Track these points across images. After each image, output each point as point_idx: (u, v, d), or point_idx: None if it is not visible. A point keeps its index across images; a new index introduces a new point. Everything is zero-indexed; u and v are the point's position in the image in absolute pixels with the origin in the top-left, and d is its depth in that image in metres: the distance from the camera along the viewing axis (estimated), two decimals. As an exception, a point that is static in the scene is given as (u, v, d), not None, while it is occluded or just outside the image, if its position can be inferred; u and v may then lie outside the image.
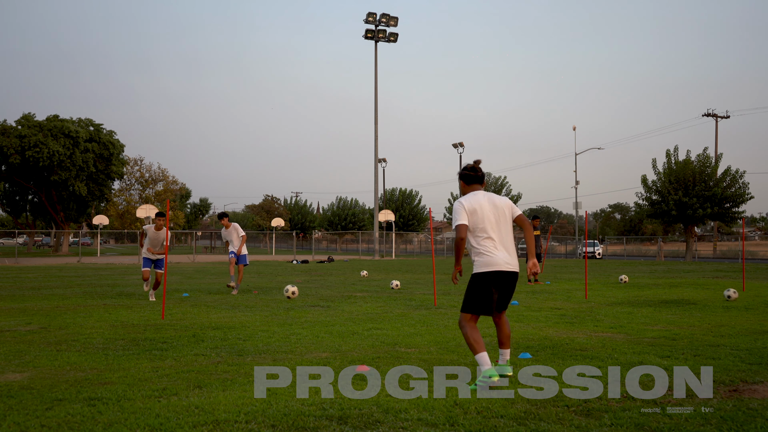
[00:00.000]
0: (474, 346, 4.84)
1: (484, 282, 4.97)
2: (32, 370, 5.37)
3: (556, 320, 8.69)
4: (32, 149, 45.65)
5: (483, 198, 5.11)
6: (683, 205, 38.52)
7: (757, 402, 4.29)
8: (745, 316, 9.08)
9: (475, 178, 5.23)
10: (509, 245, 5.09)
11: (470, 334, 4.91)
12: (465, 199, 5.12)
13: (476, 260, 5.06)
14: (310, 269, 25.64)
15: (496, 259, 4.98)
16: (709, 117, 55.41)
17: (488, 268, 4.97)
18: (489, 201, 5.11)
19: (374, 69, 43.40)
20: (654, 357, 5.86)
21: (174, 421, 3.86)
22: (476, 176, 5.23)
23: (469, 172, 5.24)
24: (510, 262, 5.03)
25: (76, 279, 18.17)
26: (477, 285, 5.00)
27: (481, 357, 4.76)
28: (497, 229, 5.04)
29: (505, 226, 5.10)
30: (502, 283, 5.02)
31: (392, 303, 11.13)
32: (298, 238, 69.03)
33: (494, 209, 5.07)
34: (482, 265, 5.00)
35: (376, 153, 43.75)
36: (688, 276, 19.96)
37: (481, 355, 4.78)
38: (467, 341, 4.91)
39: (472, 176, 5.23)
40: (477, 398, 4.39)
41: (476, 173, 5.23)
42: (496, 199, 5.16)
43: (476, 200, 5.08)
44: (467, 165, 5.31)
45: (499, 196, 5.20)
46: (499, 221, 5.06)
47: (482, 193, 5.16)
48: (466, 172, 5.25)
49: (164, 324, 8.24)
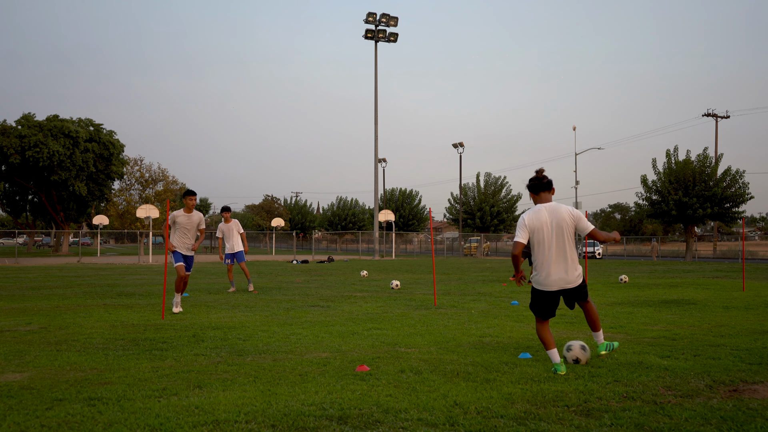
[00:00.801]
0: (544, 343, 5.27)
1: (539, 296, 5.30)
2: (32, 370, 5.37)
3: (556, 320, 8.69)
4: (32, 149, 45.66)
5: (545, 214, 5.14)
6: (683, 205, 38.51)
7: (757, 402, 4.29)
8: (745, 316, 9.08)
9: (542, 186, 5.23)
10: (568, 262, 5.16)
11: (540, 331, 5.29)
12: (529, 215, 5.19)
13: (534, 275, 5.29)
14: (310, 269, 25.64)
15: (549, 281, 5.18)
16: (709, 117, 55.40)
17: (541, 287, 5.24)
18: (552, 216, 5.14)
19: (374, 69, 43.44)
20: (654, 357, 5.86)
21: (174, 421, 3.86)
22: (542, 183, 5.23)
23: (535, 181, 5.25)
24: (565, 280, 5.17)
25: (76, 279, 18.17)
26: (535, 297, 5.34)
27: (551, 353, 5.20)
28: (557, 247, 5.12)
29: (568, 243, 5.16)
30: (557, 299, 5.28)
31: (392, 303, 11.12)
32: (298, 238, 69.04)
33: (558, 226, 5.12)
34: (537, 282, 5.27)
35: (376, 153, 43.75)
36: (688, 276, 19.96)
37: (551, 351, 5.20)
38: (539, 338, 5.32)
39: (538, 185, 5.24)
40: (477, 398, 4.39)
41: (541, 180, 5.23)
42: (562, 212, 5.15)
43: (538, 217, 5.14)
44: (533, 176, 5.30)
45: (565, 208, 5.18)
46: (560, 239, 5.13)
47: (546, 208, 5.17)
48: (532, 182, 5.27)
49: (164, 324, 8.24)
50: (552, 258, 5.13)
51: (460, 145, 53.36)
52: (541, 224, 5.11)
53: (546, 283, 5.19)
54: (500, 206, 55.98)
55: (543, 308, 5.29)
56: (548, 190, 5.23)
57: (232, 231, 13.55)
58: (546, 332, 5.27)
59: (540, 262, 5.18)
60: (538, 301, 5.31)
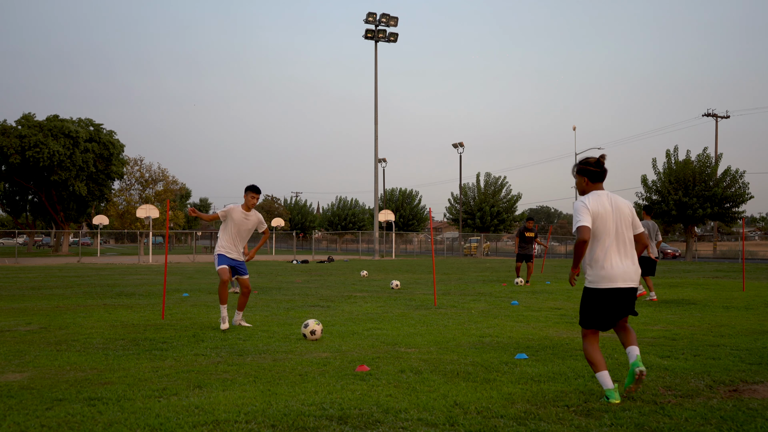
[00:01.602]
0: (592, 365, 4.43)
1: (597, 298, 4.43)
2: (32, 370, 5.37)
3: (556, 320, 8.69)
4: (32, 149, 45.66)
5: (606, 201, 4.51)
6: (683, 205, 38.51)
7: (757, 402, 4.29)
8: (745, 316, 9.08)
9: (600, 175, 4.58)
10: (631, 256, 4.51)
11: (589, 350, 4.47)
12: (588, 198, 4.49)
13: (589, 272, 4.49)
14: (310, 269, 25.63)
15: (613, 274, 4.41)
16: (709, 117, 55.39)
17: (603, 284, 4.41)
18: (613, 204, 4.52)
19: (374, 69, 43.43)
20: (654, 357, 5.86)
21: (174, 421, 3.86)
22: (601, 173, 4.57)
23: (595, 168, 4.55)
24: (630, 276, 4.44)
25: (76, 279, 18.17)
26: (590, 300, 4.48)
27: (601, 376, 4.38)
28: (617, 238, 4.46)
29: (627, 233, 4.52)
30: (619, 300, 4.44)
31: (392, 303, 11.12)
32: (298, 238, 69.02)
33: (618, 215, 4.49)
34: (597, 279, 4.44)
35: (376, 153, 43.76)
36: (688, 276, 19.96)
37: (601, 374, 4.38)
38: (586, 358, 4.50)
39: (598, 173, 4.56)
40: (477, 398, 4.39)
41: (602, 170, 4.57)
42: (620, 202, 4.57)
43: (600, 202, 4.48)
44: (590, 159, 4.61)
45: (623, 200, 4.62)
46: (620, 229, 4.48)
47: (606, 195, 4.55)
48: (592, 168, 4.55)
49: (164, 324, 8.24)
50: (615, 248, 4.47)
51: (460, 145, 53.37)
52: (605, 209, 4.47)
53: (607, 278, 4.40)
54: (500, 206, 55.99)
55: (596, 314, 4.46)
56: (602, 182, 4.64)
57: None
58: (595, 349, 4.48)
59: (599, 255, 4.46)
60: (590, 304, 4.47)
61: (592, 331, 4.52)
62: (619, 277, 4.40)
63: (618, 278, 4.40)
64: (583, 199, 4.52)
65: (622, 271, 4.41)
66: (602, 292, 4.41)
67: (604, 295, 4.41)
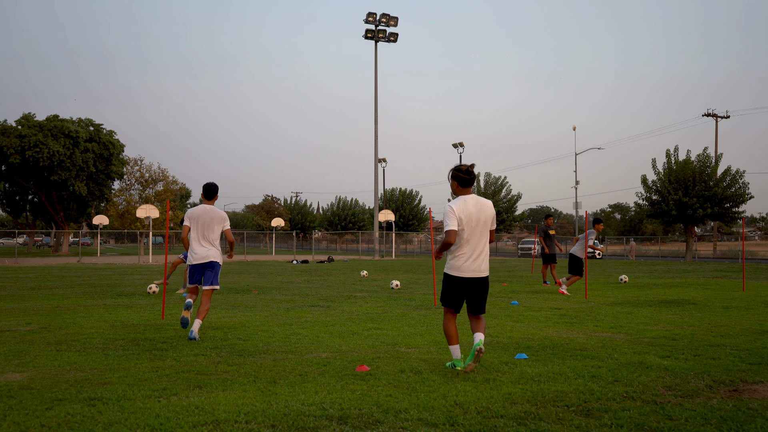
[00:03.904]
0: (448, 338, 5.36)
1: (453, 284, 5.37)
2: (32, 370, 5.37)
3: (556, 320, 8.69)
4: (32, 149, 45.65)
5: (472, 205, 5.32)
6: (683, 205, 38.51)
7: (757, 402, 4.29)
8: (745, 316, 9.08)
9: (469, 182, 5.39)
10: (483, 253, 5.38)
11: (446, 326, 5.40)
12: (457, 203, 5.31)
13: (450, 262, 5.38)
14: (310, 269, 25.63)
15: (466, 267, 5.31)
16: (709, 117, 55.39)
17: (457, 273, 5.33)
18: (476, 208, 5.33)
19: (374, 69, 43.43)
20: (654, 357, 5.86)
21: (174, 421, 3.86)
22: (470, 180, 5.39)
23: (464, 175, 5.37)
24: (479, 269, 5.34)
25: (76, 279, 18.16)
26: (448, 284, 5.41)
27: (453, 349, 5.34)
28: (476, 236, 5.31)
29: (485, 233, 5.38)
30: (471, 288, 5.35)
31: (392, 303, 11.12)
32: (298, 238, 69.02)
33: (479, 217, 5.32)
34: (453, 269, 5.35)
35: (376, 153, 43.76)
36: (688, 276, 19.96)
37: (453, 347, 5.34)
38: (444, 331, 5.41)
39: (467, 179, 5.38)
40: (477, 398, 4.39)
41: (470, 176, 5.38)
42: (483, 205, 5.38)
43: (466, 206, 5.29)
44: (461, 167, 5.41)
45: (486, 202, 5.42)
46: (480, 229, 5.33)
47: (471, 199, 5.35)
48: (461, 175, 5.38)
49: (164, 324, 8.24)
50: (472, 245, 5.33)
51: (460, 145, 53.36)
52: (469, 213, 5.28)
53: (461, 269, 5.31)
54: (500, 206, 56.00)
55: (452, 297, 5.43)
56: (470, 187, 5.44)
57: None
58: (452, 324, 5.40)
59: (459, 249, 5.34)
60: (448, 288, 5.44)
61: (448, 310, 5.44)
62: (469, 268, 5.31)
63: (468, 270, 5.31)
64: (452, 203, 5.32)
65: (475, 264, 5.32)
66: (456, 279, 5.34)
67: (457, 282, 5.34)
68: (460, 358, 5.35)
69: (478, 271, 5.33)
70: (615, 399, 4.37)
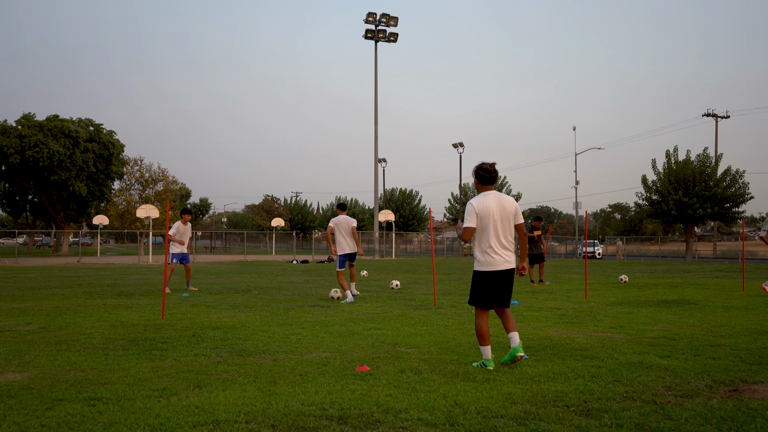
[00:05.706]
0: (480, 338, 5.43)
1: (482, 280, 5.47)
2: (32, 370, 5.37)
3: (556, 320, 8.69)
4: (32, 149, 45.66)
5: (492, 200, 5.48)
6: (683, 205, 38.51)
7: (757, 402, 4.29)
8: (745, 316, 9.07)
9: (489, 179, 5.55)
10: (509, 246, 5.53)
11: (479, 325, 5.46)
12: (477, 200, 5.48)
13: (479, 259, 5.50)
14: (310, 269, 25.63)
15: (492, 261, 5.45)
16: (709, 117, 55.41)
17: (486, 268, 5.46)
18: (496, 203, 5.48)
19: (374, 69, 43.42)
20: (654, 357, 5.86)
21: (174, 421, 3.86)
22: (490, 177, 5.55)
23: (484, 173, 5.55)
24: (505, 261, 5.48)
25: (76, 279, 18.17)
26: (478, 281, 5.51)
27: (484, 349, 5.42)
28: (500, 230, 5.45)
29: (508, 227, 5.51)
30: (499, 281, 5.48)
31: (392, 303, 11.12)
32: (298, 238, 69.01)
33: (501, 211, 5.46)
34: (482, 264, 5.48)
35: (376, 153, 43.75)
36: (688, 276, 19.96)
37: (484, 348, 5.42)
38: (476, 331, 5.47)
39: (487, 177, 5.55)
40: (477, 398, 4.39)
41: (490, 174, 5.53)
42: (505, 201, 5.52)
43: (486, 202, 5.46)
44: (483, 165, 5.59)
45: (508, 198, 5.55)
46: (503, 223, 5.47)
47: (493, 195, 5.51)
48: (482, 173, 5.56)
49: (164, 324, 8.24)
50: (498, 240, 5.49)
51: (460, 145, 53.35)
52: (490, 209, 5.45)
53: (491, 263, 5.45)
54: (500, 206, 55.92)
55: (482, 294, 5.52)
56: (492, 184, 5.60)
57: (187, 233, 13.78)
58: (484, 324, 5.49)
59: (485, 246, 5.49)
60: (478, 285, 5.54)
61: (480, 309, 5.52)
62: (500, 261, 5.45)
63: (499, 263, 5.45)
64: (473, 201, 5.50)
65: (502, 258, 5.46)
66: (487, 274, 5.46)
67: (488, 277, 5.46)
68: (491, 358, 5.42)
69: (504, 264, 5.45)
70: (615, 399, 4.37)
